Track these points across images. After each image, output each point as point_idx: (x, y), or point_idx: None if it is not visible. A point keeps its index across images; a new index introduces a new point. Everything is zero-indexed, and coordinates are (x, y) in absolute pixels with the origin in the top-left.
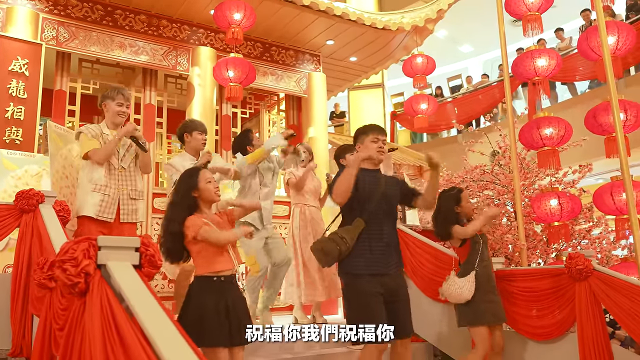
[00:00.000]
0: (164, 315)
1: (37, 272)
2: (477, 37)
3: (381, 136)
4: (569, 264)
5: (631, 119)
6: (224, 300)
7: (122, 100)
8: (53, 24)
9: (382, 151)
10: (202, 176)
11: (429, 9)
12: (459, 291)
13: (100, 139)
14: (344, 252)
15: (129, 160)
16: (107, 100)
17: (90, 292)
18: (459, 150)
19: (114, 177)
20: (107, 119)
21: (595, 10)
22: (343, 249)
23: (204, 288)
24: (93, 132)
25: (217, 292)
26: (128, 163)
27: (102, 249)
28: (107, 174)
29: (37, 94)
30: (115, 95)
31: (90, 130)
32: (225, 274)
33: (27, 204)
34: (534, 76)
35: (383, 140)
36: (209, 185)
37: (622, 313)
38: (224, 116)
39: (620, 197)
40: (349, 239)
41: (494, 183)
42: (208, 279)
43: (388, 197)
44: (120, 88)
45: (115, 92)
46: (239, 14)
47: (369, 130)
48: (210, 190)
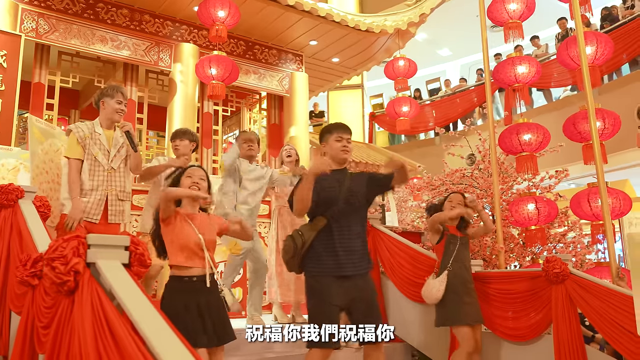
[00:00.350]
0: (157, 314)
1: (20, 269)
2: (455, 41)
3: (345, 135)
4: (546, 267)
5: (608, 127)
6: (195, 301)
7: (121, 99)
8: (33, 16)
9: (346, 150)
10: (186, 172)
11: (412, 13)
12: (432, 291)
13: (90, 139)
14: (299, 247)
15: (119, 161)
16: (105, 97)
17: (80, 290)
18: (436, 152)
19: (102, 178)
20: (103, 117)
21: (575, 21)
22: (298, 243)
23: (175, 288)
24: (82, 133)
25: (187, 292)
26: (118, 164)
27: (91, 247)
28: (95, 175)
29: (15, 87)
30: (115, 93)
31: (79, 130)
32: (197, 274)
33: (6, 199)
34: (514, 82)
35: (347, 139)
36: (187, 180)
37: (595, 315)
38: (205, 113)
39: (596, 204)
40: (305, 234)
41: (473, 187)
42: (179, 279)
43: (353, 197)
44: (119, 86)
45: (114, 90)
46: (223, 12)
47: (333, 129)
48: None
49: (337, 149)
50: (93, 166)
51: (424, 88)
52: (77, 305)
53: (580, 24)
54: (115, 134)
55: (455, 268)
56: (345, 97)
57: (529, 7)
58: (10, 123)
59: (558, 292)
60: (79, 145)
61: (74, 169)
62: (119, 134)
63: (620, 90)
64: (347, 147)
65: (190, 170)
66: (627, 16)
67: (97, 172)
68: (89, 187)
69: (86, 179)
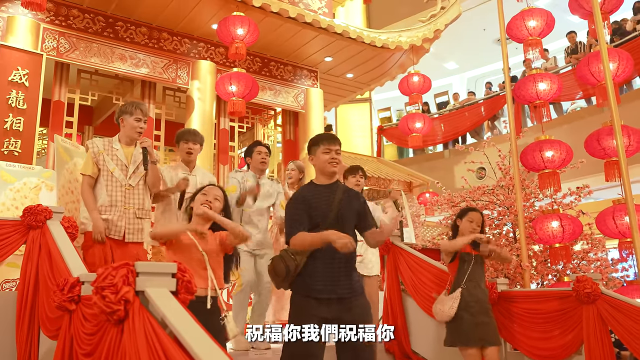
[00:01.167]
0: (211, 342)
1: (57, 293)
2: (461, 54)
3: (333, 146)
4: (577, 287)
5: (633, 144)
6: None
7: (140, 116)
8: (54, 35)
9: (334, 162)
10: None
11: (426, 29)
12: (442, 308)
13: (105, 155)
14: (291, 270)
15: (138, 178)
16: (124, 115)
17: (130, 319)
18: (445, 166)
19: (120, 195)
20: (123, 134)
21: (598, 37)
22: (291, 266)
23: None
24: (96, 149)
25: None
26: (137, 181)
27: (139, 275)
28: (113, 192)
29: (37, 105)
30: (134, 110)
31: (94, 145)
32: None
33: (34, 220)
34: (535, 99)
35: (336, 151)
36: (202, 197)
37: (629, 335)
38: (221, 130)
39: (622, 221)
40: (298, 257)
41: (494, 203)
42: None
43: (344, 214)
44: (139, 103)
45: (134, 107)
46: (242, 30)
47: (319, 140)
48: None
49: (324, 162)
50: (110, 182)
51: (432, 101)
52: (127, 334)
53: (604, 41)
54: (134, 150)
55: (470, 287)
56: (353, 110)
57: (549, 24)
58: (32, 141)
59: (589, 312)
60: (92, 162)
61: (85, 184)
62: (138, 150)
63: (633, 105)
64: (336, 159)
65: (207, 188)
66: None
67: (115, 189)
68: (108, 203)
69: (103, 195)
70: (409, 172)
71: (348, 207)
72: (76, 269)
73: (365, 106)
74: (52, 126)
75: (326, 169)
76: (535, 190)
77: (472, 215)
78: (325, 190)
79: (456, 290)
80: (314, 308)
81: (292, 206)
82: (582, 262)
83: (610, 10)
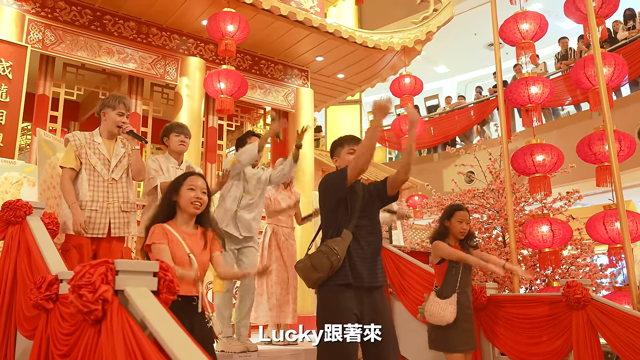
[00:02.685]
0: (192, 344)
1: (34, 291)
2: (452, 58)
3: (357, 147)
4: (567, 292)
5: (624, 149)
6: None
7: (123, 110)
8: (39, 27)
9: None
10: (188, 181)
11: (419, 30)
12: (442, 313)
13: (86, 148)
14: (335, 265)
15: (121, 172)
16: (106, 108)
17: (108, 319)
18: (435, 168)
19: (102, 189)
20: (104, 128)
21: (592, 42)
22: (334, 261)
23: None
24: (78, 142)
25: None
26: (120, 174)
27: (119, 273)
28: (95, 186)
29: (20, 99)
30: (117, 104)
31: (76, 139)
32: (182, 294)
33: (13, 216)
34: (527, 103)
35: None
36: (189, 192)
37: (618, 342)
38: (209, 128)
39: (612, 226)
40: (339, 251)
41: (485, 207)
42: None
43: (370, 206)
44: (122, 97)
45: (117, 100)
46: (233, 26)
47: (344, 141)
48: (187, 198)
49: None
50: (92, 177)
51: (422, 105)
52: (105, 334)
53: (598, 45)
54: (116, 144)
55: (460, 293)
56: (343, 112)
57: (542, 28)
58: (14, 135)
59: (579, 318)
60: (74, 155)
61: (66, 177)
62: (120, 144)
63: (621, 111)
64: None
65: (192, 180)
66: (628, 37)
67: (97, 183)
68: (90, 198)
69: (86, 191)
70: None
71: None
72: (55, 267)
73: (355, 108)
74: (35, 120)
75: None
76: (526, 194)
77: (460, 215)
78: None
79: (452, 295)
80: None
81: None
82: (571, 267)
83: (605, 14)
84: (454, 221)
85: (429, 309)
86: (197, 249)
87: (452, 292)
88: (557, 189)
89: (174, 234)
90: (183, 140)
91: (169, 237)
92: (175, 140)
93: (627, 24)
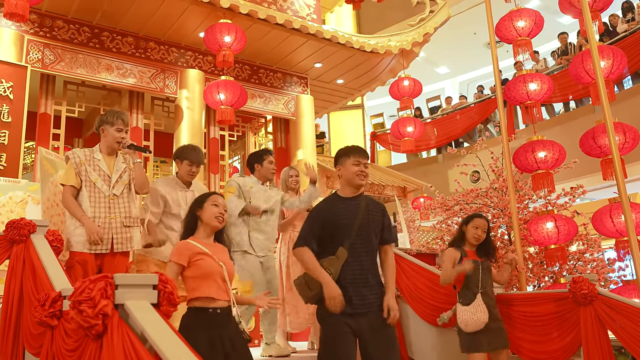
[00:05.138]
0: (192, 356)
1: (38, 309)
2: (452, 58)
3: (363, 159)
4: (574, 288)
5: (629, 141)
6: (218, 335)
7: (121, 126)
8: (38, 46)
9: (363, 175)
10: (211, 198)
11: (416, 33)
12: (475, 317)
13: (87, 165)
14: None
15: (122, 187)
16: (105, 125)
17: (109, 334)
18: (439, 170)
19: (103, 205)
20: (103, 144)
21: (588, 35)
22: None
23: (197, 322)
24: (77, 159)
25: (211, 327)
26: (121, 190)
27: (119, 287)
28: (96, 203)
29: (22, 118)
30: (115, 120)
31: (75, 156)
32: (221, 307)
33: (18, 234)
34: (526, 100)
35: (365, 164)
36: (213, 207)
37: (627, 336)
38: (211, 139)
39: (619, 220)
40: (333, 271)
41: (488, 206)
42: (203, 311)
43: (368, 227)
44: (120, 112)
45: (114, 116)
46: (230, 37)
47: (350, 152)
48: (211, 213)
49: (353, 174)
50: (93, 193)
51: (424, 106)
52: (106, 349)
53: (594, 38)
54: (116, 159)
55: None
56: (346, 117)
57: (538, 24)
58: (17, 155)
59: (587, 314)
60: (74, 172)
61: (67, 194)
62: (120, 159)
63: (623, 104)
64: (364, 172)
65: (215, 198)
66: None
67: (98, 199)
68: (91, 214)
69: (87, 207)
70: (403, 178)
71: (373, 220)
72: (59, 284)
73: (357, 113)
74: (38, 139)
75: (354, 181)
76: (529, 192)
77: (477, 221)
78: (350, 203)
79: (475, 297)
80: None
81: (310, 219)
82: (578, 262)
83: (600, 8)
84: (469, 227)
85: (462, 320)
86: (225, 258)
87: (476, 293)
88: (562, 185)
89: (200, 247)
90: (194, 171)
91: (196, 250)
92: (187, 169)
93: (625, 16)
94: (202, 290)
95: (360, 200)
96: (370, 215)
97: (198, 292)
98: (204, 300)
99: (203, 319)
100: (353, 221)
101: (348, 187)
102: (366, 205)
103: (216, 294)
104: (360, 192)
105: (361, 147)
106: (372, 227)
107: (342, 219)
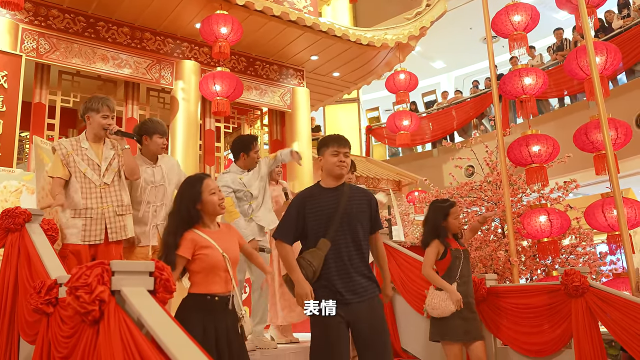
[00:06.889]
0: (191, 343)
1: (34, 296)
2: (448, 53)
3: (342, 149)
4: (565, 280)
5: (621, 137)
6: (213, 324)
7: (107, 112)
8: (33, 35)
9: (342, 165)
10: (205, 187)
11: (412, 26)
12: (444, 303)
13: (74, 155)
14: (310, 278)
15: (112, 176)
16: (90, 112)
17: (105, 319)
18: (434, 164)
19: (95, 196)
20: (90, 132)
21: (584, 31)
22: (309, 273)
23: (193, 307)
24: (64, 150)
25: (206, 312)
26: (111, 178)
27: (115, 274)
28: (87, 193)
29: (17, 107)
30: (100, 106)
31: (62, 147)
32: (219, 293)
33: (13, 223)
34: (521, 94)
35: (345, 153)
36: (213, 197)
37: (617, 328)
38: (207, 130)
39: (611, 214)
40: (315, 263)
41: (482, 199)
42: (200, 297)
43: (351, 216)
44: (105, 98)
45: (99, 103)
46: (226, 28)
47: (329, 141)
48: (214, 203)
49: (332, 164)
50: (84, 184)
51: (420, 100)
52: (103, 335)
53: (590, 34)
54: (104, 147)
55: (460, 282)
56: (341, 111)
57: (533, 19)
58: (12, 144)
59: (578, 306)
60: (61, 164)
61: (56, 183)
62: (109, 145)
63: (618, 99)
64: (344, 162)
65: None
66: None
67: (90, 190)
68: (83, 206)
69: (79, 199)
70: (398, 171)
71: (357, 210)
72: (54, 271)
73: (353, 106)
74: (33, 129)
75: (333, 171)
76: (523, 186)
77: (455, 211)
78: (331, 194)
79: (451, 284)
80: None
81: (290, 209)
82: (570, 256)
83: (596, 4)
84: (450, 220)
85: (430, 303)
86: (229, 244)
87: (452, 281)
88: (556, 179)
89: (206, 238)
90: (165, 144)
91: (202, 243)
92: (159, 142)
93: (621, 13)
94: (205, 287)
95: (343, 190)
96: (354, 205)
97: (201, 289)
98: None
99: (199, 304)
100: (335, 211)
101: (329, 178)
102: (350, 194)
103: (217, 289)
104: (341, 182)
105: (341, 136)
106: (356, 216)
107: (323, 209)
